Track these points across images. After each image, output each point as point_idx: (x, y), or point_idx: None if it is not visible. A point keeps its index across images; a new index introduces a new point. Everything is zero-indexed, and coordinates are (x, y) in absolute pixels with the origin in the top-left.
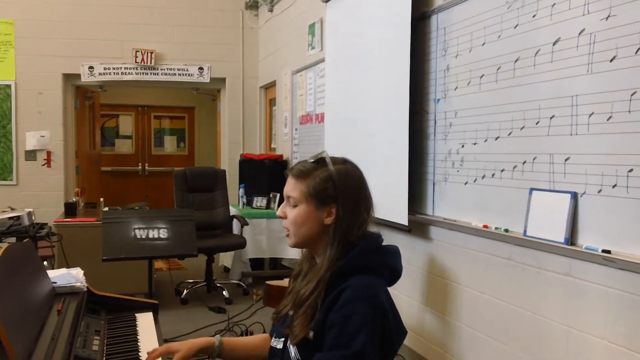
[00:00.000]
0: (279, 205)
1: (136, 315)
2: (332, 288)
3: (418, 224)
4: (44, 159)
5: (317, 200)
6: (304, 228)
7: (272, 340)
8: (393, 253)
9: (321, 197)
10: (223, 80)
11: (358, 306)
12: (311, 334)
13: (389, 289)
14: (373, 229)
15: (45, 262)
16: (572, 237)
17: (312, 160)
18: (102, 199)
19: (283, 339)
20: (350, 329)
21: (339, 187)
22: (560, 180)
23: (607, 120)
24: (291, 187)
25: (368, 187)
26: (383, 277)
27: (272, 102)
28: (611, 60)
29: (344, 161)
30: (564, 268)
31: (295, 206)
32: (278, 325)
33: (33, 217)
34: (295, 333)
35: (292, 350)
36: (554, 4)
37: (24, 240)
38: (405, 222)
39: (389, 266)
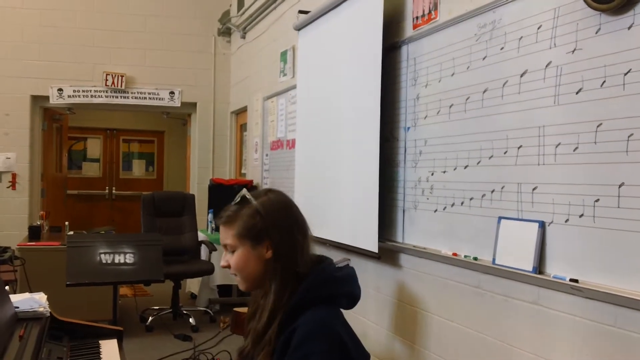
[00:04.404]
0: None
1: (100, 342)
2: (286, 326)
3: (388, 251)
4: (9, 181)
5: (250, 238)
6: (248, 270)
7: None
8: (347, 279)
9: (253, 234)
10: (194, 104)
11: (313, 345)
12: None
13: (358, 315)
14: (319, 250)
15: (7, 287)
16: (540, 265)
17: (235, 202)
18: (67, 223)
19: None
20: None
21: (267, 218)
22: (528, 210)
23: (574, 150)
24: (224, 234)
25: (297, 209)
26: (339, 305)
27: (242, 128)
28: (577, 93)
29: (266, 192)
30: (532, 297)
31: (233, 252)
32: None
33: None
34: None
35: None
36: (522, 37)
37: None
38: (375, 249)
39: (344, 294)
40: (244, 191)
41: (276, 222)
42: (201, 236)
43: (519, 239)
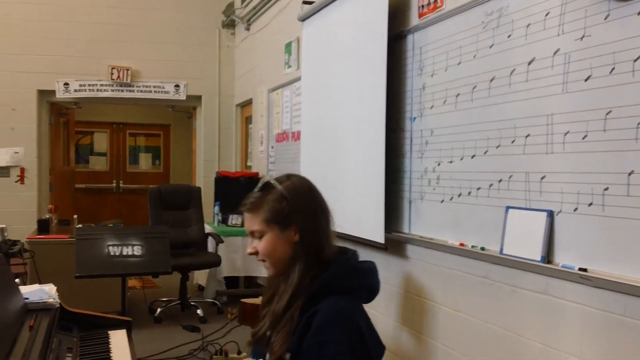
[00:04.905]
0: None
1: (109, 332)
2: (307, 309)
3: (394, 242)
4: (17, 176)
5: (278, 223)
6: (277, 254)
7: None
8: (369, 271)
9: (280, 218)
10: (199, 98)
11: (332, 333)
12: (288, 355)
13: (366, 305)
14: (340, 243)
15: (17, 279)
16: (548, 255)
17: (259, 189)
18: (75, 216)
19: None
20: (326, 356)
21: (293, 202)
22: (536, 199)
23: (583, 139)
24: (249, 221)
25: (320, 193)
26: (359, 297)
27: (248, 120)
28: (586, 80)
29: (289, 177)
30: (541, 286)
31: (261, 238)
32: (255, 348)
33: (6, 234)
34: (275, 349)
35: None
36: (529, 24)
37: None
38: (382, 240)
39: (365, 286)
40: (268, 177)
41: (301, 206)
42: (208, 228)
43: (527, 229)
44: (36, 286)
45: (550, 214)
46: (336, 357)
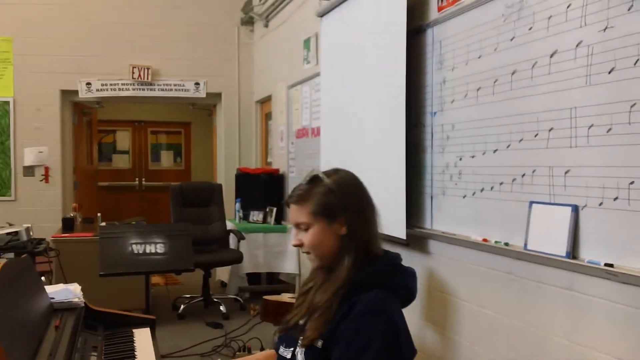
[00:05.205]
0: (275, 219)
1: (133, 330)
2: (348, 299)
3: (416, 238)
4: (42, 175)
5: (325, 215)
6: (323, 247)
7: (280, 349)
8: (411, 274)
9: (328, 211)
10: (219, 95)
11: (370, 321)
12: (320, 342)
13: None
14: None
15: (43, 278)
16: (573, 250)
17: (306, 182)
18: (99, 214)
19: (292, 348)
20: (360, 343)
21: (341, 195)
22: (560, 193)
23: (607, 132)
24: (296, 213)
25: (365, 187)
26: (399, 297)
27: (267, 117)
28: (610, 72)
29: (336, 171)
30: (566, 282)
31: (307, 230)
32: (286, 335)
33: (31, 233)
34: (308, 334)
35: (300, 359)
36: (551, 16)
37: (22, 256)
38: (404, 236)
39: (406, 287)
40: (316, 170)
41: (349, 199)
42: (229, 225)
43: (552, 224)
44: (61, 286)
45: (575, 209)
46: (368, 345)
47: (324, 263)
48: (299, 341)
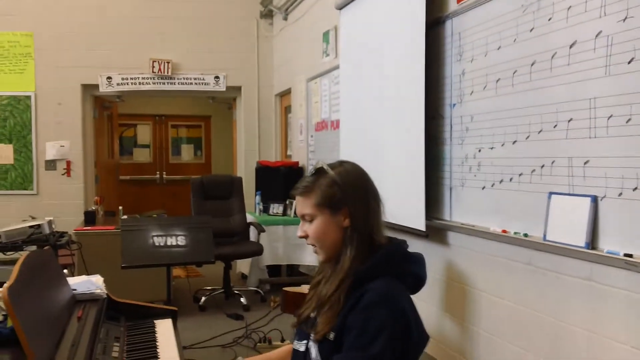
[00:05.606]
0: (295, 212)
1: (155, 322)
2: (355, 290)
3: (435, 230)
4: (64, 169)
5: (329, 207)
6: (327, 238)
7: (295, 343)
8: (418, 260)
9: (332, 203)
10: (239, 88)
11: (379, 310)
12: (332, 335)
13: (412, 296)
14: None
15: (65, 270)
16: (592, 241)
17: (311, 174)
18: (120, 208)
19: (305, 341)
20: (369, 332)
21: (345, 187)
22: (579, 184)
23: (627, 122)
24: (301, 205)
25: (371, 179)
26: (406, 284)
27: (287, 110)
28: (629, 62)
29: (341, 163)
30: (585, 273)
31: (311, 221)
32: (299, 329)
33: (53, 226)
34: (319, 329)
35: (314, 351)
36: (570, 6)
37: (45, 248)
38: (423, 228)
39: (413, 274)
40: (321, 162)
41: (352, 191)
42: (249, 218)
43: (571, 215)
44: (84, 277)
45: (594, 200)
46: (378, 335)
47: (330, 255)
48: (311, 335)
